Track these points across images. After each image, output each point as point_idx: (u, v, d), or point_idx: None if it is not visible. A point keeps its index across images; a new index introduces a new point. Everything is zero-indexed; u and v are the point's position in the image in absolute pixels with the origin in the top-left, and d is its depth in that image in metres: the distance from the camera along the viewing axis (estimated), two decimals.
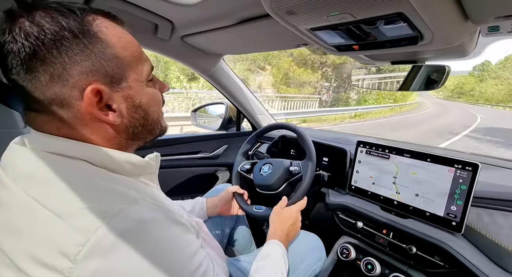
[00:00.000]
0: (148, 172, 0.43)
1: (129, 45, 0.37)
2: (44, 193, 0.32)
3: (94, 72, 0.34)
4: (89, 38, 0.33)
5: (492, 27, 0.51)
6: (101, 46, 0.34)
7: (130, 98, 0.38)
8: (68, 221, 0.30)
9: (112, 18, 0.37)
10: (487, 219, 0.63)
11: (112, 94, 0.36)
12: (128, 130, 0.39)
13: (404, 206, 0.75)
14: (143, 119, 0.40)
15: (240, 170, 0.98)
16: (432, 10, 0.44)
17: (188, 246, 0.37)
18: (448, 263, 0.64)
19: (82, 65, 0.33)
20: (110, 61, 0.35)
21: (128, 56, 0.37)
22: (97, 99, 0.34)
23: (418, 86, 0.76)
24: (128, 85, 0.37)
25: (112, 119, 0.36)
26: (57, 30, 0.31)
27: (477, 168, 0.63)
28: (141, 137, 0.42)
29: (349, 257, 0.83)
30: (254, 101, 1.37)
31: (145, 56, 0.40)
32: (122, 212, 0.31)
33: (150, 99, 0.40)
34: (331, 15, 0.50)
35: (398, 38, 0.55)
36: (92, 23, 0.34)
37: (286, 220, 0.73)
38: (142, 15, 0.77)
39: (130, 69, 0.37)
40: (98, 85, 0.34)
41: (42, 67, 0.31)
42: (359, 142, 0.87)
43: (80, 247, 0.28)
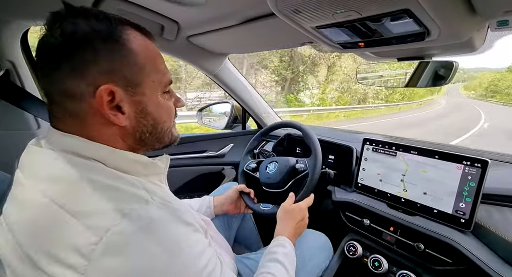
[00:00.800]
0: (157, 173, 0.44)
1: (151, 56, 0.40)
2: (60, 193, 0.33)
3: (112, 74, 0.36)
4: (116, 44, 0.36)
5: (501, 22, 0.50)
6: (125, 52, 0.37)
7: (141, 104, 0.39)
8: (83, 221, 0.31)
9: (143, 31, 0.41)
10: (497, 216, 0.62)
11: (124, 97, 0.37)
12: (135, 135, 0.41)
13: (412, 204, 0.74)
14: (151, 127, 0.42)
15: (246, 169, 0.99)
16: (439, 6, 0.43)
17: (196, 245, 0.37)
18: (456, 261, 0.64)
19: (103, 66, 0.35)
20: (130, 67, 0.37)
21: (148, 65, 0.39)
22: (109, 98, 0.36)
23: (426, 82, 0.75)
24: (142, 92, 0.39)
25: (119, 120, 0.37)
26: (89, 31, 0.34)
27: (487, 165, 0.62)
28: (149, 144, 0.44)
29: (356, 254, 0.83)
30: (259, 99, 1.37)
31: (164, 68, 0.42)
32: (133, 212, 0.32)
33: (161, 109, 0.42)
34: (337, 13, 0.50)
35: (405, 34, 0.54)
36: (123, 31, 0.37)
37: (293, 217, 0.73)
38: (148, 16, 0.79)
39: (147, 78, 0.39)
40: (113, 86, 0.36)
41: (67, 61, 0.34)
42: (365, 140, 0.87)
43: (94, 245, 0.30)
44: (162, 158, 0.47)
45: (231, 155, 1.36)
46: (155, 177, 0.44)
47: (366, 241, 0.85)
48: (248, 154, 1.06)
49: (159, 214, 0.34)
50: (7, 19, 0.72)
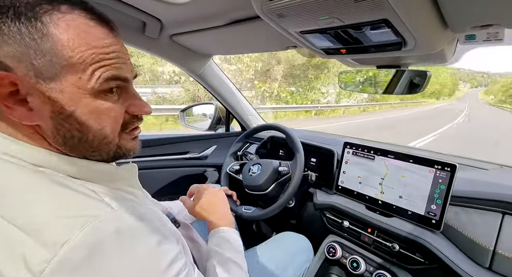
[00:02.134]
0: (123, 179, 0.40)
1: (87, 50, 0.31)
2: (8, 206, 0.29)
3: (16, 60, 0.29)
4: (30, 25, 0.29)
5: (469, 36, 0.54)
6: (39, 38, 0.29)
7: (58, 103, 0.31)
8: (34, 236, 0.27)
9: (95, 16, 0.33)
10: (464, 217, 0.67)
11: (33, 90, 0.30)
12: (56, 138, 0.33)
13: (388, 205, 0.77)
14: (77, 132, 0.33)
15: (229, 171, 0.98)
16: (414, 18, 0.46)
17: (164, 256, 0.34)
18: (428, 260, 0.67)
19: (7, 49, 0.29)
20: (43, 55, 0.30)
21: (76, 58, 0.31)
22: (11, 89, 0.30)
23: (402, 89, 0.79)
24: (60, 88, 0.31)
25: (18, 115, 0.30)
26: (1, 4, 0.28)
27: (455, 169, 0.66)
28: (84, 153, 0.36)
29: (335, 255, 0.85)
30: (243, 101, 1.37)
31: (109, 61, 0.33)
32: (90, 224, 0.28)
33: (93, 112, 0.33)
34: (320, 19, 0.51)
35: (383, 43, 0.57)
36: (49, 13, 0.30)
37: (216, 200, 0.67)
38: (129, 12, 0.76)
39: (71, 72, 0.31)
40: (14, 75, 0.29)
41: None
42: (346, 143, 0.90)
43: (46, 264, 0.26)
44: (126, 167, 0.41)
45: (214, 157, 1.34)
46: (124, 183, 0.40)
47: (346, 242, 0.87)
48: (232, 156, 1.05)
49: (124, 225, 0.31)
50: None
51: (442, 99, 52.78)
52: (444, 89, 53.55)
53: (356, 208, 0.84)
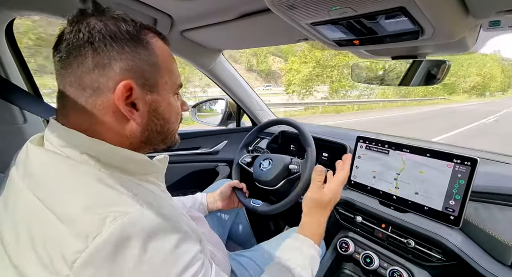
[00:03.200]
0: (154, 171, 0.44)
1: (168, 59, 0.42)
2: (49, 194, 0.33)
3: (133, 72, 0.37)
4: (140, 44, 0.38)
5: (493, 22, 0.51)
6: (147, 53, 0.39)
7: (154, 104, 0.41)
8: (69, 226, 0.30)
9: (162, 37, 0.43)
10: (485, 213, 0.64)
11: (140, 95, 0.39)
12: (144, 133, 0.41)
13: (403, 201, 0.75)
14: (160, 127, 0.43)
15: (241, 162, 0.99)
16: (433, 5, 0.44)
17: (186, 254, 0.36)
18: (446, 257, 0.65)
19: (126, 63, 0.37)
20: (149, 67, 0.39)
21: (165, 67, 0.41)
22: (127, 94, 0.37)
23: (418, 81, 0.76)
24: (157, 91, 0.41)
25: (133, 116, 0.39)
26: (117, 31, 0.36)
27: (476, 163, 0.63)
28: (154, 143, 0.44)
29: (348, 250, 0.84)
30: (254, 96, 1.36)
31: (177, 71, 0.45)
32: (122, 219, 0.31)
33: (172, 110, 0.44)
34: (332, 10, 0.50)
35: (399, 32, 0.55)
36: (146, 34, 0.40)
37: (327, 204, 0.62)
38: (141, 9, 0.77)
39: (162, 79, 0.41)
40: (132, 82, 0.37)
41: (92, 55, 0.35)
42: (359, 138, 0.88)
43: (78, 254, 0.28)
44: (161, 159, 0.47)
45: (225, 152, 1.35)
46: (152, 176, 0.44)
47: (358, 238, 0.86)
48: (244, 148, 1.06)
49: (150, 223, 0.33)
50: None
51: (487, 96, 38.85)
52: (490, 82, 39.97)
53: (369, 203, 0.82)
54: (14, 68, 0.84)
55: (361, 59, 0.90)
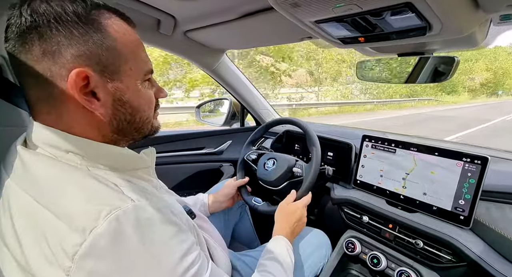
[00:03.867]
0: (143, 166, 0.43)
1: (130, 43, 0.38)
2: (43, 194, 0.33)
3: (87, 58, 0.34)
4: (91, 26, 0.34)
5: (504, 16, 0.49)
6: (101, 36, 0.35)
7: (118, 92, 0.38)
8: (66, 222, 0.31)
9: (124, 19, 0.39)
10: (496, 213, 0.62)
11: (100, 83, 0.36)
12: (112, 123, 0.39)
13: (411, 201, 0.74)
14: (129, 116, 0.40)
15: (246, 159, 0.99)
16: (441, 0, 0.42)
17: (180, 246, 0.36)
18: (456, 258, 0.64)
19: (77, 48, 0.33)
20: (107, 52, 0.35)
21: (127, 52, 0.38)
22: (83, 83, 0.34)
23: (425, 78, 0.74)
24: (120, 79, 0.37)
25: (94, 107, 0.36)
26: (62, 12, 0.33)
27: (487, 162, 0.62)
28: (127, 133, 0.42)
29: (354, 251, 0.83)
30: (257, 96, 1.36)
31: (145, 57, 0.41)
32: (115, 212, 0.31)
33: (141, 98, 0.41)
34: (336, 7, 0.49)
35: (406, 29, 0.53)
36: (99, 14, 0.35)
37: (291, 216, 0.73)
38: (145, 10, 0.77)
39: (125, 64, 0.38)
40: (87, 70, 0.34)
41: (39, 42, 0.32)
42: (365, 136, 0.86)
43: (78, 247, 0.29)
44: (147, 151, 0.46)
45: (230, 152, 1.35)
46: (143, 171, 0.43)
47: (365, 238, 0.85)
48: (251, 144, 1.05)
49: (144, 215, 0.33)
50: None
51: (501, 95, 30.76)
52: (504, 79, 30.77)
53: (376, 203, 0.81)
54: None
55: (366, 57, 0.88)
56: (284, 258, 0.61)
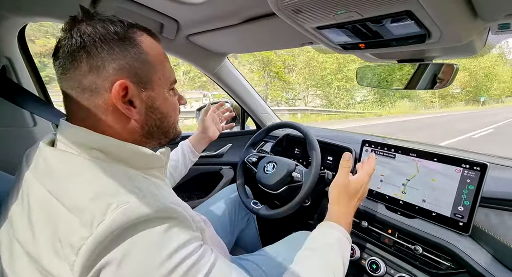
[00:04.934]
0: (159, 165, 0.46)
1: (160, 56, 0.44)
2: (59, 188, 0.35)
3: (126, 71, 0.39)
4: (129, 43, 0.40)
5: (503, 25, 0.50)
6: (137, 51, 0.40)
7: (150, 100, 0.42)
8: (77, 215, 0.32)
9: (152, 35, 0.44)
10: (495, 219, 0.62)
11: (136, 92, 0.41)
12: (144, 128, 0.43)
13: (410, 206, 0.74)
14: (159, 121, 0.45)
15: (247, 161, 0.99)
16: (440, 8, 0.43)
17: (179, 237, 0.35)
18: (455, 265, 0.63)
19: (118, 62, 0.38)
20: (141, 64, 0.41)
21: (157, 63, 0.43)
22: (123, 93, 0.39)
23: (425, 85, 0.75)
24: (152, 88, 0.42)
25: (131, 113, 0.40)
26: (105, 32, 0.38)
27: (486, 168, 0.62)
28: (156, 137, 0.46)
29: (353, 256, 0.82)
30: (258, 100, 1.37)
31: (170, 67, 0.46)
32: (122, 207, 0.32)
33: (168, 104, 0.46)
34: (338, 14, 0.50)
35: (405, 36, 0.54)
36: (134, 33, 0.41)
37: (354, 195, 0.60)
38: (148, 14, 0.78)
39: (156, 75, 0.43)
40: (127, 81, 0.39)
41: (86, 59, 0.37)
42: (364, 141, 0.87)
43: (84, 240, 0.30)
44: (163, 151, 0.48)
45: (230, 155, 1.35)
46: (157, 170, 0.45)
47: (364, 243, 0.84)
48: (251, 146, 1.06)
49: (150, 210, 0.33)
50: (5, 15, 0.71)
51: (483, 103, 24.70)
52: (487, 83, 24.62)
53: (375, 208, 0.81)
54: (26, 73, 0.86)
55: (366, 63, 0.89)
56: (328, 253, 0.50)
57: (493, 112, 16.84)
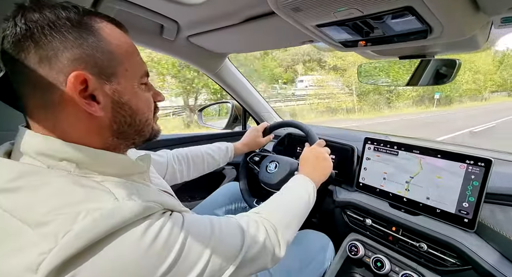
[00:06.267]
0: (139, 171, 0.43)
1: (125, 46, 0.39)
2: (16, 203, 0.30)
3: (83, 61, 0.34)
4: (85, 30, 0.35)
5: (506, 18, 0.49)
6: (96, 39, 0.35)
7: (117, 94, 0.37)
8: (38, 230, 0.28)
9: (116, 24, 0.39)
10: (501, 215, 0.62)
11: (98, 85, 0.35)
12: (112, 127, 0.38)
13: (414, 203, 0.74)
14: (129, 118, 0.40)
15: (249, 160, 0.99)
16: (442, 3, 0.43)
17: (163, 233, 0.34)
18: (460, 261, 0.63)
19: (73, 52, 0.33)
20: (102, 54, 0.35)
21: (121, 54, 0.38)
22: (82, 87, 0.34)
23: (427, 81, 0.74)
24: (117, 81, 0.37)
25: (94, 110, 0.35)
26: (55, 18, 0.33)
27: (490, 164, 0.61)
28: (129, 137, 0.41)
29: (357, 254, 0.82)
30: (259, 99, 1.37)
31: (140, 59, 0.41)
32: (93, 215, 0.29)
33: (139, 99, 0.41)
34: (338, 11, 0.49)
35: (407, 32, 0.54)
36: (92, 20, 0.36)
37: (310, 159, 0.76)
38: (148, 16, 0.78)
39: (122, 67, 0.38)
40: (85, 73, 0.34)
41: (34, 49, 0.32)
42: (367, 139, 0.86)
43: (44, 255, 0.27)
44: (143, 157, 0.46)
45: None
46: (138, 176, 0.42)
47: (368, 241, 0.84)
48: None
49: (120, 218, 0.31)
50: None
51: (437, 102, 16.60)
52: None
53: (379, 206, 0.81)
54: None
55: (367, 60, 0.88)
56: (290, 187, 0.65)
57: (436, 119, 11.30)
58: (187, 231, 0.36)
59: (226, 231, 0.42)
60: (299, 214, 0.60)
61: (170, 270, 0.33)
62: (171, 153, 0.82)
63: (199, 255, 0.36)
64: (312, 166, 0.73)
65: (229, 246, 0.41)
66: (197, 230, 0.38)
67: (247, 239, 0.44)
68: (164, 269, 0.32)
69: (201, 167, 0.88)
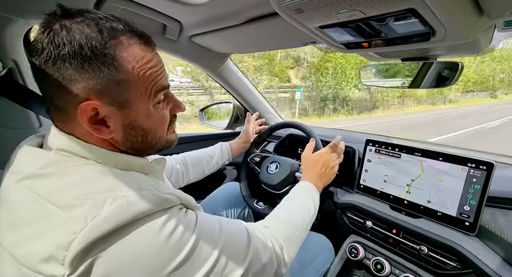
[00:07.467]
0: (153, 171, 0.45)
1: (145, 68, 0.37)
2: (48, 188, 0.33)
3: (97, 91, 0.35)
4: (105, 61, 0.34)
5: (509, 22, 0.49)
6: (114, 70, 0.35)
7: (129, 118, 0.38)
8: (68, 212, 0.31)
9: (143, 39, 0.38)
10: (503, 219, 0.61)
11: (110, 113, 0.37)
12: (125, 143, 0.40)
13: (415, 206, 0.73)
14: (141, 137, 0.41)
15: (250, 161, 0.99)
16: (445, 5, 0.43)
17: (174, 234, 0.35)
18: (461, 265, 0.63)
19: (87, 83, 0.34)
20: (117, 84, 0.36)
21: (139, 80, 0.37)
22: (93, 113, 0.35)
23: (429, 83, 0.74)
24: (130, 106, 0.38)
25: (102, 134, 0.37)
26: (78, 45, 0.33)
27: (492, 167, 0.61)
28: (142, 151, 0.44)
29: (358, 256, 0.82)
30: (261, 100, 1.37)
31: (160, 75, 0.40)
32: (120, 201, 0.31)
33: (152, 120, 0.41)
34: (340, 13, 0.49)
35: (409, 34, 0.54)
36: (115, 46, 0.35)
37: (316, 162, 0.75)
38: (151, 16, 0.79)
39: (137, 92, 0.38)
40: (96, 102, 0.35)
41: (57, 72, 0.34)
42: (368, 141, 0.86)
43: (75, 235, 0.29)
44: (158, 160, 0.48)
45: None
46: (151, 175, 0.44)
47: (369, 243, 0.84)
48: (254, 146, 1.06)
49: (145, 205, 0.33)
50: (11, 18, 0.72)
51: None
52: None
53: (379, 208, 0.80)
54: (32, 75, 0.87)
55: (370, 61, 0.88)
56: (299, 199, 0.64)
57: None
58: (200, 230, 0.38)
59: (233, 231, 0.44)
60: (306, 229, 0.60)
61: (182, 264, 0.34)
62: (171, 157, 0.83)
63: (209, 254, 0.37)
64: (319, 175, 0.72)
65: (237, 246, 0.42)
66: (208, 230, 0.39)
67: (253, 244, 0.44)
68: (176, 263, 0.34)
69: (201, 168, 0.88)
